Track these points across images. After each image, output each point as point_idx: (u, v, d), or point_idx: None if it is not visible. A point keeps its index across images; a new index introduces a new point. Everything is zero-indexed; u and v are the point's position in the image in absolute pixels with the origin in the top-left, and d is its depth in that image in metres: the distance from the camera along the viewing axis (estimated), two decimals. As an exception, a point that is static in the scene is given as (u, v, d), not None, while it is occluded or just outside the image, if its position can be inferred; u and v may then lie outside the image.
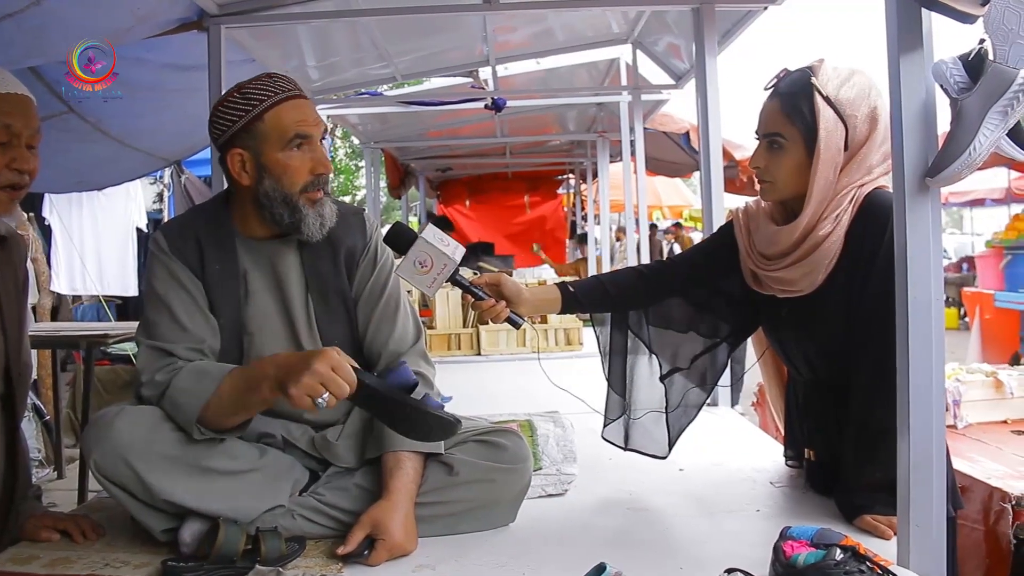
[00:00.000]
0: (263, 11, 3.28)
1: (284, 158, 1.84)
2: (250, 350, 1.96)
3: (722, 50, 3.60)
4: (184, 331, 1.87)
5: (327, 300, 1.99)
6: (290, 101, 1.85)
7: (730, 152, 7.03)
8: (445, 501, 1.88)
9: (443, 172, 12.08)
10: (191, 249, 1.92)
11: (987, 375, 3.30)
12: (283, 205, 1.85)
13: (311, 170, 1.85)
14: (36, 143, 1.85)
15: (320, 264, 1.98)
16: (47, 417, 5.21)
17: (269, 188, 1.85)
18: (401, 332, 2.02)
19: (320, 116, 1.92)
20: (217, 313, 1.93)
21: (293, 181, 1.84)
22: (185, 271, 1.90)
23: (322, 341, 1.98)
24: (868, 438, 1.82)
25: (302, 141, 1.84)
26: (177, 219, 2.08)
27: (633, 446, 2.29)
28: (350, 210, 2.06)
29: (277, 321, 1.97)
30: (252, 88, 1.85)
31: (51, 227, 7.36)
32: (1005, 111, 1.38)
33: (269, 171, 1.84)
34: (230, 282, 1.93)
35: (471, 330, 4.72)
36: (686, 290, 2.21)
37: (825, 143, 1.81)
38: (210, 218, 1.97)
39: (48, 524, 1.89)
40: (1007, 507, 2.35)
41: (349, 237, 2.00)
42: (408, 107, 6.30)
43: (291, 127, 1.83)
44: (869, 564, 1.38)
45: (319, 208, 1.87)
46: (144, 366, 1.87)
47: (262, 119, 1.83)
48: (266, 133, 1.83)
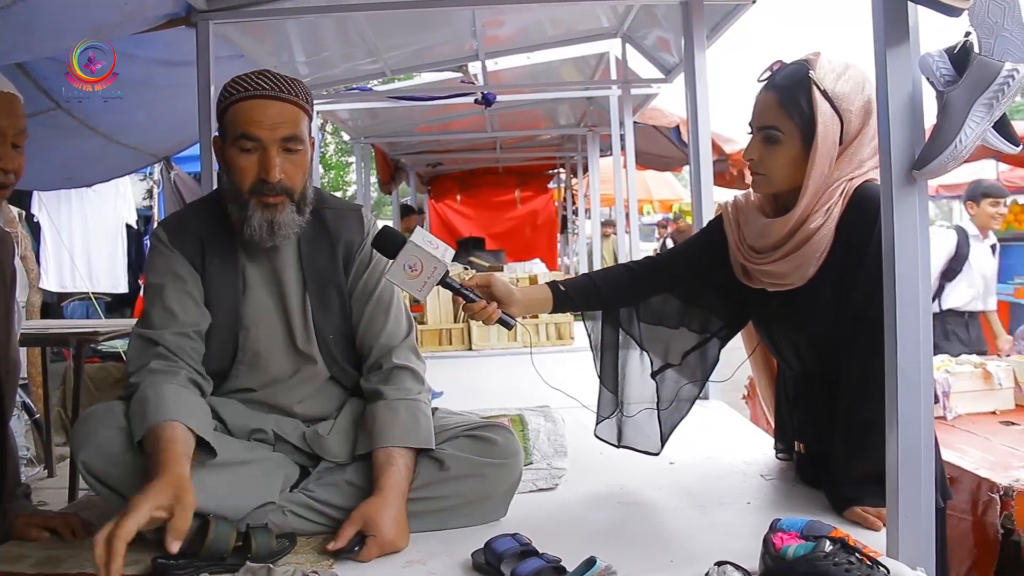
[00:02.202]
0: (251, 6, 3.27)
1: (233, 155, 1.85)
2: (245, 344, 1.96)
3: (711, 44, 3.61)
4: (173, 317, 1.88)
5: (324, 295, 1.99)
6: (254, 100, 1.83)
7: (720, 146, 7.04)
8: (436, 496, 1.88)
9: (433, 167, 12.06)
10: (192, 243, 1.93)
11: (976, 366, 3.32)
12: (233, 200, 1.88)
13: (256, 174, 1.83)
14: (21, 142, 1.84)
15: (318, 259, 1.99)
16: (36, 415, 5.19)
17: (225, 182, 1.90)
18: (393, 327, 2.02)
19: (291, 122, 1.84)
20: (214, 307, 1.93)
21: (240, 179, 1.85)
22: (184, 263, 1.91)
23: (316, 335, 1.99)
24: (858, 430, 1.83)
25: (250, 143, 1.82)
26: (179, 213, 2.09)
27: (626, 443, 2.29)
28: (347, 206, 2.07)
29: (273, 316, 1.98)
30: (236, 81, 1.87)
31: (40, 224, 7.32)
32: (991, 103, 1.39)
33: (226, 165, 1.88)
34: (229, 276, 1.94)
35: (462, 325, 4.71)
36: (676, 286, 2.21)
37: (822, 137, 1.81)
38: (212, 212, 1.97)
39: (37, 523, 1.88)
40: (995, 497, 2.37)
41: (347, 232, 2.00)
42: (398, 102, 6.28)
43: (240, 125, 1.82)
44: (858, 555, 1.39)
45: (271, 213, 1.85)
46: (130, 357, 1.89)
47: (227, 112, 1.86)
48: (226, 127, 1.87)
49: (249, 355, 1.97)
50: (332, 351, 2.01)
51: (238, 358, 1.97)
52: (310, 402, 2.03)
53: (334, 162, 19.68)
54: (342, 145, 18.69)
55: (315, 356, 2.00)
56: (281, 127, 1.83)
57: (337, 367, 2.03)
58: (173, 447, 1.66)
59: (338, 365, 2.03)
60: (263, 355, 1.98)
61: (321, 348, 2.00)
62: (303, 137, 1.88)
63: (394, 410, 1.90)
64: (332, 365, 2.02)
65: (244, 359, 1.97)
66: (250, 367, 1.98)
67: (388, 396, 1.93)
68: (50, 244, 7.35)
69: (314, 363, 2.00)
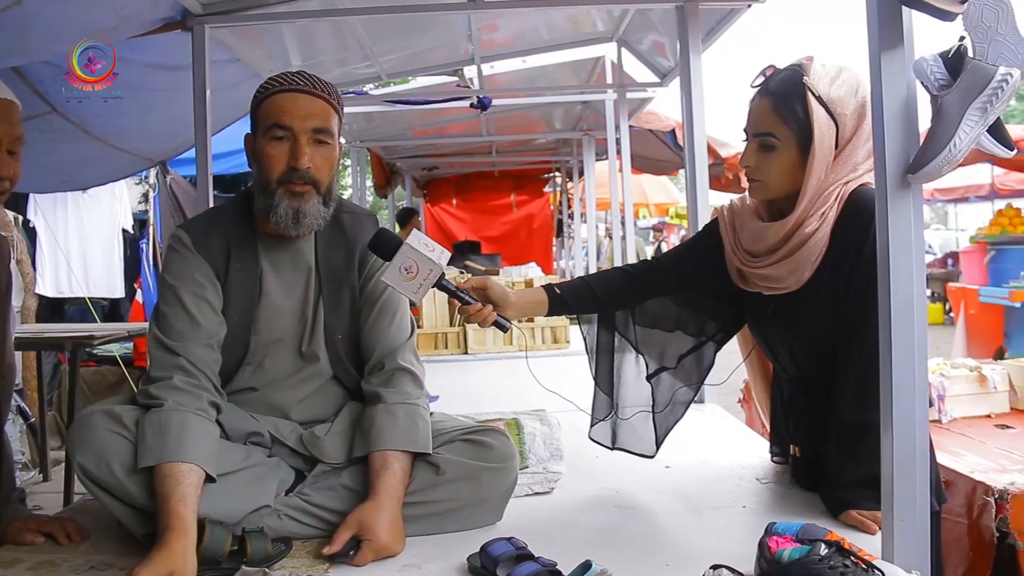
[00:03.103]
0: (247, 10, 3.27)
1: (264, 145, 1.89)
2: (255, 347, 1.98)
3: (706, 48, 3.60)
4: (195, 325, 1.88)
5: (338, 295, 2.01)
6: (287, 93, 1.89)
7: (715, 149, 7.04)
8: (431, 500, 1.88)
9: (429, 171, 12.05)
10: (218, 248, 1.95)
11: (971, 370, 3.33)
12: (261, 191, 1.90)
13: (287, 161, 1.87)
14: (17, 149, 1.85)
15: (334, 259, 2.01)
16: (32, 419, 5.17)
17: (256, 173, 1.93)
18: (396, 329, 2.03)
19: (321, 114, 1.89)
20: (230, 312, 1.95)
21: (270, 168, 1.88)
22: (206, 269, 1.92)
23: (325, 335, 2.00)
24: (853, 434, 1.83)
25: (282, 132, 1.86)
26: (202, 217, 2.09)
27: (621, 446, 2.30)
28: (364, 211, 2.13)
29: (285, 319, 1.99)
30: (272, 79, 1.93)
31: (36, 229, 7.30)
32: (985, 107, 1.39)
33: (257, 157, 1.91)
34: (248, 281, 1.96)
35: (458, 329, 4.71)
36: (672, 289, 2.21)
37: (819, 143, 1.81)
38: (236, 217, 2.00)
39: (32, 527, 1.87)
40: (990, 501, 2.37)
41: (363, 236, 2.02)
42: (393, 106, 6.28)
43: (272, 115, 1.88)
44: (854, 559, 1.39)
45: (297, 201, 1.88)
46: (152, 360, 1.89)
47: (260, 106, 1.91)
48: (259, 120, 1.92)
49: (257, 357, 1.98)
50: (338, 351, 2.02)
51: (246, 360, 1.98)
52: (310, 402, 2.03)
53: (330, 166, 19.67)
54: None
55: (320, 355, 2.01)
56: (312, 118, 1.88)
57: (341, 367, 2.04)
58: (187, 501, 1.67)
59: (342, 365, 2.03)
60: (270, 355, 1.99)
61: (328, 347, 2.01)
62: (333, 131, 1.93)
63: (393, 414, 1.90)
64: (336, 365, 2.03)
65: (252, 360, 1.98)
66: (256, 367, 1.99)
67: (387, 400, 1.93)
68: (46, 249, 7.32)
69: (317, 361, 2.01)
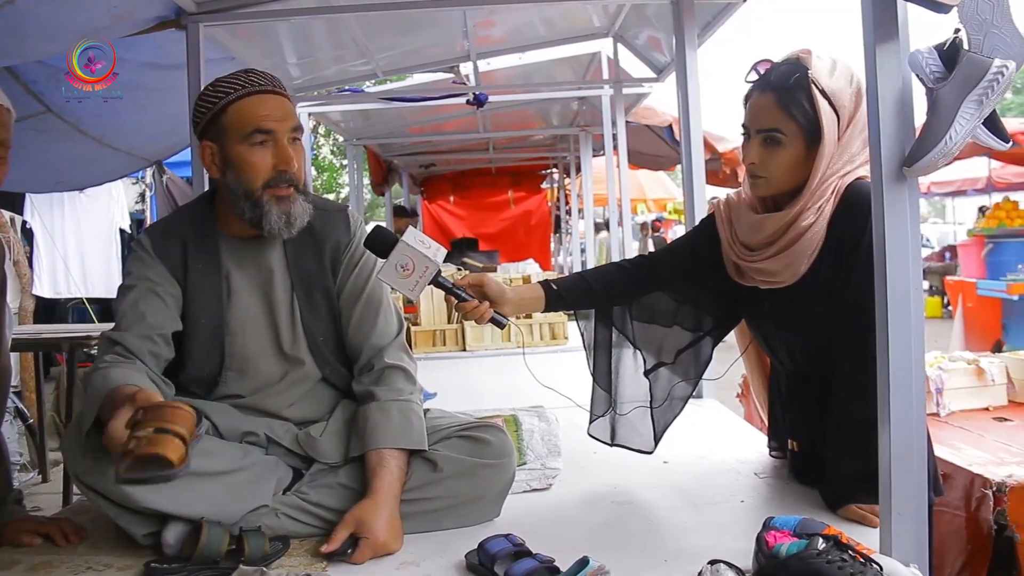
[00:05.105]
0: (241, 8, 3.25)
1: (244, 152, 1.84)
2: (232, 349, 1.96)
3: (702, 43, 3.61)
4: (139, 319, 1.86)
5: (312, 297, 1.99)
6: (256, 96, 1.84)
7: (712, 144, 7.05)
8: (429, 497, 1.88)
9: (426, 168, 12.05)
10: (175, 250, 1.92)
11: (969, 363, 3.32)
12: (244, 200, 1.86)
13: (273, 166, 1.84)
14: (4, 153, 1.85)
15: (305, 261, 1.98)
16: (30, 421, 5.16)
17: (231, 181, 1.87)
18: (383, 327, 2.01)
19: (292, 113, 1.90)
20: (198, 314, 1.93)
21: (254, 176, 1.84)
22: (161, 270, 1.90)
23: (305, 338, 1.98)
24: (851, 428, 1.82)
25: (263, 136, 1.83)
26: (163, 220, 2.09)
27: (619, 442, 2.30)
28: (334, 207, 2.07)
29: (260, 321, 1.97)
30: (224, 81, 1.86)
31: (33, 230, 7.30)
32: (980, 100, 1.39)
33: (232, 164, 1.86)
34: (212, 282, 1.93)
35: (456, 326, 4.71)
36: (669, 284, 2.21)
37: (827, 136, 1.81)
38: (195, 218, 1.97)
39: (30, 528, 1.87)
40: (988, 493, 2.37)
41: (333, 233, 2.00)
42: (390, 103, 6.26)
43: (251, 121, 1.83)
44: (851, 553, 1.39)
45: (286, 205, 1.86)
46: (96, 358, 1.88)
47: (226, 112, 1.84)
48: (228, 126, 1.84)
49: (237, 360, 1.96)
50: (323, 352, 2.01)
51: (226, 364, 1.96)
52: (301, 405, 2.02)
53: (327, 164, 19.64)
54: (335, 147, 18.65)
55: (303, 358, 1.99)
56: (289, 118, 1.88)
57: (329, 368, 2.03)
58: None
59: (330, 366, 2.03)
60: (251, 360, 1.97)
61: (312, 350, 2.00)
62: (301, 128, 1.92)
63: (386, 412, 1.90)
64: (324, 366, 2.02)
65: (232, 365, 1.96)
66: (239, 372, 1.97)
67: (380, 397, 1.92)
68: (43, 249, 7.33)
69: (302, 365, 1.99)
